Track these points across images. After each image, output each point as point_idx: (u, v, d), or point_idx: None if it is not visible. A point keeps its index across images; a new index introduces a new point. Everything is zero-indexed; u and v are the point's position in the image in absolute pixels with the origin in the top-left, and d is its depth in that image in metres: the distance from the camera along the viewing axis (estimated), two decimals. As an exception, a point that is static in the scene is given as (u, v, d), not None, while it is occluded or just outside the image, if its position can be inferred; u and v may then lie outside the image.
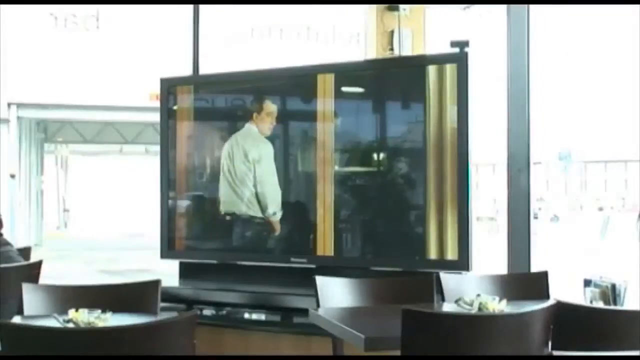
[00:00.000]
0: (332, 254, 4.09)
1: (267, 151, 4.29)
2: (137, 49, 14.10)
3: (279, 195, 4.23)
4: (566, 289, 3.35)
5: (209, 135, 4.52)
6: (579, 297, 3.31)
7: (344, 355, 3.09)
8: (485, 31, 4.92)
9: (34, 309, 3.03)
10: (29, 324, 2.62)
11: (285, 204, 4.24)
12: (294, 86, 4.30)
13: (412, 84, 3.96)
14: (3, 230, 4.53)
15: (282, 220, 4.25)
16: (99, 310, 2.56)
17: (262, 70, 4.43)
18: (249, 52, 13.73)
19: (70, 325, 2.50)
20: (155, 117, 4.70)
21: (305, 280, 3.41)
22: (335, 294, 3.23)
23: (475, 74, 3.78)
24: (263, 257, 4.30)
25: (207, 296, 4.14)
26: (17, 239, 12.24)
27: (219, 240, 4.46)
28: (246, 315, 4.12)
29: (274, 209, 4.25)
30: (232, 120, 4.45)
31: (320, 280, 3.21)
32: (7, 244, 4.42)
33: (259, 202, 4.29)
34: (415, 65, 4.02)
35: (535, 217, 4.33)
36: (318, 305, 3.14)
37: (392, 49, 4.62)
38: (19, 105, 14.94)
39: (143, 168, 21.95)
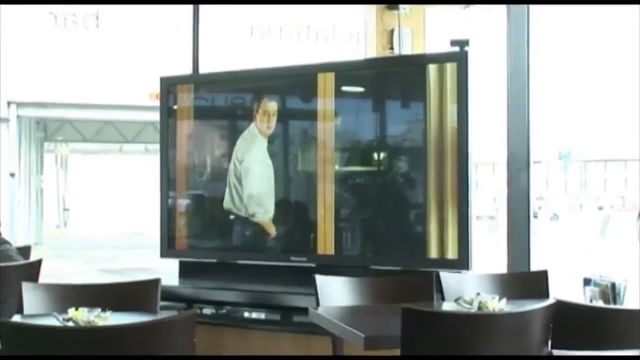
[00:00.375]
0: (332, 252, 4.09)
1: (258, 151, 4.29)
2: (137, 48, 14.10)
3: (263, 196, 4.23)
4: (566, 288, 3.35)
5: (208, 134, 4.52)
6: (578, 296, 3.31)
7: (344, 355, 3.09)
8: (485, 29, 4.92)
9: (33, 307, 3.03)
10: (29, 322, 2.62)
11: (285, 203, 4.24)
12: (293, 85, 4.30)
13: (412, 83, 3.96)
14: (2, 229, 4.53)
15: (281, 219, 4.25)
16: (99, 309, 2.56)
17: (262, 69, 4.43)
18: (248, 52, 13.72)
19: (70, 324, 2.50)
20: (155, 116, 4.70)
21: (305, 279, 3.41)
22: (335, 293, 3.23)
23: (475, 73, 3.78)
24: (263, 256, 4.30)
25: (207, 295, 4.14)
26: (17, 238, 12.25)
27: (218, 239, 4.46)
28: (246, 314, 4.11)
29: (254, 210, 4.25)
30: (231, 119, 4.45)
31: (320, 279, 3.21)
32: (6, 242, 4.42)
33: (241, 201, 4.31)
34: (415, 64, 4.03)
35: (535, 216, 4.33)
36: (318, 304, 3.14)
37: (392, 48, 4.62)
38: (19, 104, 14.94)
39: (143, 167, 21.96)
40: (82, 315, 2.53)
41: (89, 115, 16.27)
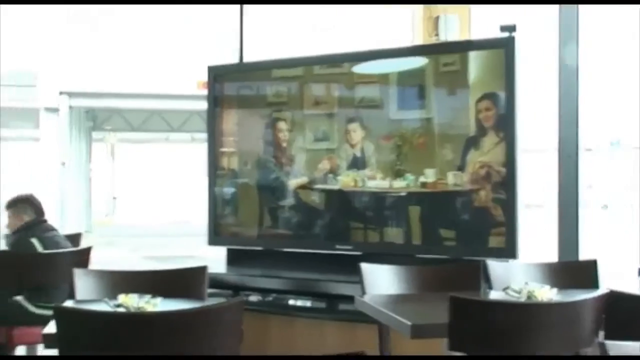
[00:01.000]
0: (377, 240, 4.08)
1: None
2: (185, 38, 14.23)
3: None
4: (619, 278, 3.29)
5: (255, 123, 4.54)
6: (633, 286, 3.24)
7: (392, 355, 3.08)
8: (533, 14, 4.84)
9: (85, 293, 3.09)
10: (82, 308, 2.67)
11: (331, 191, 4.24)
12: (339, 72, 4.28)
13: (459, 69, 3.92)
14: (53, 217, 4.64)
15: (327, 207, 4.26)
16: (149, 296, 2.60)
17: (308, 57, 4.42)
18: (294, 41, 13.71)
19: (121, 309, 2.54)
20: (201, 105, 4.74)
21: (350, 267, 3.41)
22: (381, 281, 3.22)
23: (524, 58, 3.73)
24: (308, 243, 4.31)
25: (253, 282, 4.16)
26: (67, 226, 12.51)
27: (264, 227, 4.48)
28: (292, 302, 4.13)
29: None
30: (278, 107, 4.45)
31: (365, 267, 3.20)
32: (52, 229, 4.53)
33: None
34: (462, 51, 3.97)
35: (586, 205, 4.25)
36: (363, 292, 3.13)
37: (437, 35, 4.57)
38: (71, 95, 15.24)
39: (189, 156, 22.19)
40: (132, 301, 2.57)
41: (138, 104, 16.53)
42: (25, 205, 4.48)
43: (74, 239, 5.13)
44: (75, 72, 14.74)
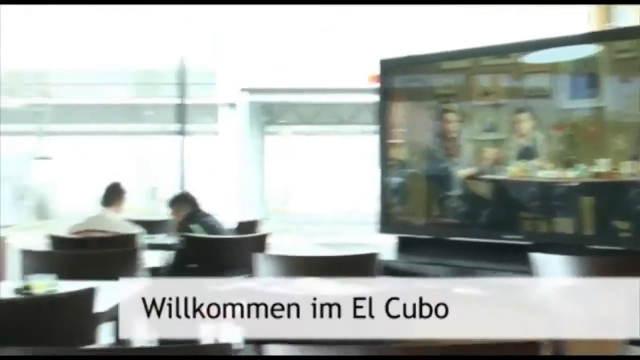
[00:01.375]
0: (546, 230, 4.04)
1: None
2: (356, 32, 14.52)
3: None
4: None
5: (423, 114, 4.62)
6: None
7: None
8: None
9: (264, 274, 3.34)
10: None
11: (497, 180, 4.24)
12: (507, 62, 4.26)
13: (636, 55, 3.78)
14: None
15: (494, 196, 4.26)
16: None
17: (476, 49, 4.43)
18: (458, 31, 13.56)
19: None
20: (370, 98, 4.89)
21: (515, 257, 3.42)
22: (552, 271, 3.21)
23: None
24: (475, 232, 4.34)
25: (422, 270, 4.26)
26: (245, 214, 13.19)
27: (432, 216, 4.56)
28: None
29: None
30: (446, 98, 4.50)
31: (536, 257, 3.21)
32: (207, 215, 5.09)
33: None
34: (637, 36, 3.83)
35: None
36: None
37: (610, 21, 4.42)
38: (251, 91, 16.05)
39: (359, 147, 22.52)
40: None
41: (311, 98, 17.07)
42: (182, 202, 5.13)
43: (251, 225, 5.53)
44: (251, 70, 15.49)
